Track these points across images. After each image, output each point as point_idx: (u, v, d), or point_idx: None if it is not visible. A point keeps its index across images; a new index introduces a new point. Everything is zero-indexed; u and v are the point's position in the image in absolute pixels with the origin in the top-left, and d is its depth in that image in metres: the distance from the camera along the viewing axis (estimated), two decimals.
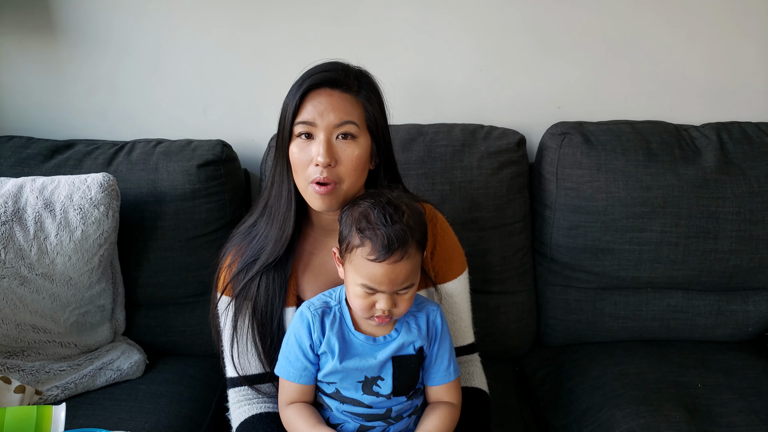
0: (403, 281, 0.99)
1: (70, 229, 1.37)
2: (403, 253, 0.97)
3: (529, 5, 1.65)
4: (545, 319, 1.66)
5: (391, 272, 0.98)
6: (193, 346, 1.59)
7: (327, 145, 1.05)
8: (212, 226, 1.55)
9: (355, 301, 1.02)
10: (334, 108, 1.06)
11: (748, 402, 1.36)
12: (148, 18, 1.65)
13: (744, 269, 1.56)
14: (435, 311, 1.10)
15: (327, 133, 1.05)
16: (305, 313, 1.07)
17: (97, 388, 1.43)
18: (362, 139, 1.08)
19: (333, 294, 1.10)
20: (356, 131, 1.07)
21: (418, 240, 1.01)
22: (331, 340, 1.05)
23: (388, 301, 1.00)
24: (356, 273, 1.00)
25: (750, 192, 1.54)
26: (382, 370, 1.06)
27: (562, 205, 1.58)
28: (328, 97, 1.06)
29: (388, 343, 1.06)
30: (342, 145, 1.06)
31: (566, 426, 1.39)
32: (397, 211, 0.99)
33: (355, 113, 1.07)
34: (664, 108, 1.73)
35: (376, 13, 1.66)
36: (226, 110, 1.73)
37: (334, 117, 1.05)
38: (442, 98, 1.72)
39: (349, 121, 1.06)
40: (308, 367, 1.07)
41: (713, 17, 1.67)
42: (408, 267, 0.99)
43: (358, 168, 1.08)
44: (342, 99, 1.07)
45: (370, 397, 1.06)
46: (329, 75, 1.07)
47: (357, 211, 1.01)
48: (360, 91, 1.08)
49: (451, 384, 1.11)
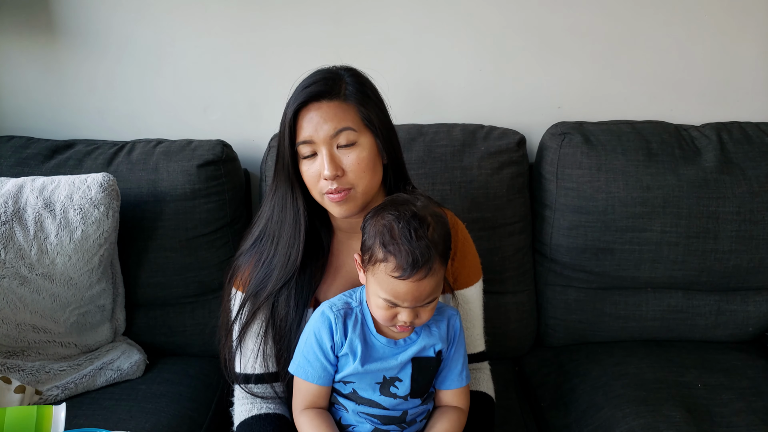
0: (426, 297, 0.98)
1: (70, 229, 1.37)
2: (428, 271, 0.96)
3: (529, 5, 1.65)
4: (545, 319, 1.66)
5: (415, 290, 0.96)
6: (193, 346, 1.59)
7: (329, 158, 1.04)
8: (212, 226, 1.55)
9: (376, 311, 1.01)
10: (326, 119, 1.04)
11: (748, 402, 1.36)
12: (148, 18, 1.65)
13: (744, 269, 1.56)
14: (455, 316, 1.10)
15: (327, 146, 1.05)
16: (327, 314, 1.05)
17: (97, 388, 1.43)
18: (364, 139, 1.07)
19: (354, 295, 1.09)
20: (355, 136, 1.06)
21: (442, 253, 0.99)
22: (354, 342, 1.04)
23: (411, 314, 0.99)
24: (379, 287, 0.98)
25: (750, 192, 1.54)
26: (401, 371, 1.05)
27: (562, 205, 1.58)
28: (317, 111, 1.05)
29: (408, 346, 1.06)
30: (344, 153, 1.05)
31: (566, 426, 1.39)
32: (423, 225, 0.97)
33: (348, 117, 1.06)
34: (664, 108, 1.73)
35: (377, 14, 1.66)
36: (226, 110, 1.73)
37: (328, 128, 1.04)
38: (442, 98, 1.72)
39: (344, 128, 1.05)
40: (327, 368, 1.05)
41: (713, 17, 1.67)
42: (432, 283, 0.98)
43: (368, 169, 1.07)
44: (331, 108, 1.05)
45: (386, 399, 1.05)
46: (313, 89, 1.05)
47: (381, 223, 0.98)
48: (348, 93, 1.07)
49: (461, 390, 1.11)
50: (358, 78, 1.10)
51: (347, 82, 1.08)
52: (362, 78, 1.10)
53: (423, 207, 1.00)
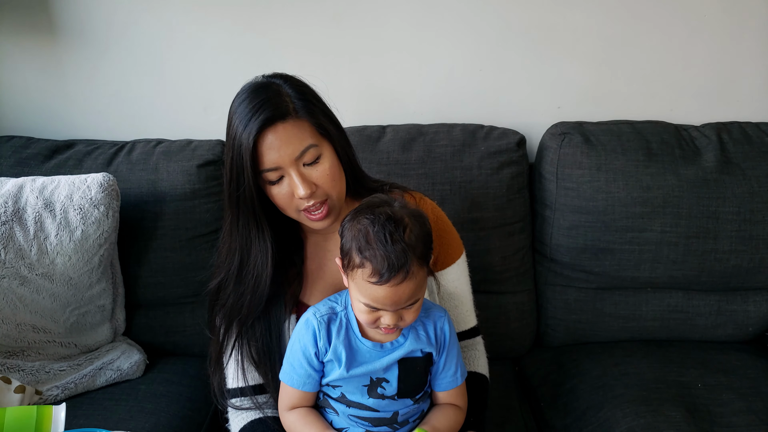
0: (407, 300, 0.97)
1: (70, 229, 1.37)
2: (405, 275, 0.94)
3: (529, 6, 1.65)
4: (545, 319, 1.66)
5: (393, 294, 0.95)
6: (193, 346, 1.59)
7: (301, 178, 1.03)
8: (212, 226, 1.55)
9: (360, 315, 1.01)
10: (287, 142, 1.02)
11: (748, 402, 1.36)
12: (148, 18, 1.65)
13: (744, 269, 1.56)
14: (443, 318, 1.09)
15: (294, 167, 1.03)
16: (311, 321, 1.05)
17: (97, 388, 1.43)
18: (325, 150, 1.06)
19: (339, 299, 1.08)
20: (317, 150, 1.04)
21: (421, 254, 0.97)
22: (338, 348, 1.03)
23: (394, 317, 0.98)
24: (359, 292, 0.98)
25: (750, 192, 1.54)
26: (387, 372, 1.05)
27: (562, 205, 1.58)
28: (274, 135, 1.02)
29: (395, 349, 1.05)
30: (311, 169, 1.04)
31: (566, 426, 1.39)
32: (399, 228, 0.95)
33: (306, 134, 1.03)
34: (664, 108, 1.73)
35: (376, 14, 1.65)
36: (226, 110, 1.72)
37: (292, 151, 1.02)
38: (442, 98, 1.72)
39: (307, 147, 1.03)
40: (312, 375, 1.06)
41: (713, 17, 1.67)
42: (412, 286, 0.96)
43: (336, 177, 1.07)
44: (287, 129, 1.02)
45: (375, 400, 1.05)
46: (264, 116, 1.01)
47: (356, 228, 0.97)
48: (297, 108, 1.03)
49: (457, 389, 1.10)
50: (297, 87, 1.06)
51: (289, 94, 1.04)
52: (300, 85, 1.07)
53: (400, 208, 0.99)
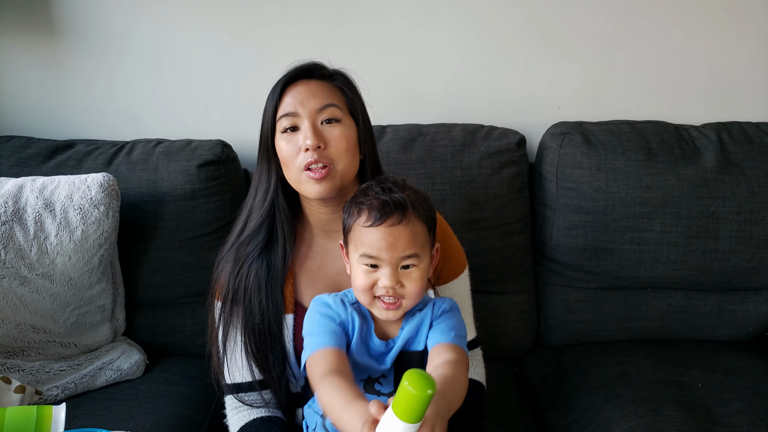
0: (404, 248, 0.94)
1: (70, 229, 1.37)
2: (401, 217, 0.94)
3: (529, 5, 1.65)
4: (545, 319, 1.66)
5: (389, 236, 0.94)
6: (193, 346, 1.59)
7: (313, 129, 1.05)
8: (212, 226, 1.55)
9: (357, 280, 0.98)
10: (314, 94, 1.07)
11: (748, 402, 1.36)
12: (148, 18, 1.65)
13: (744, 269, 1.56)
14: (442, 299, 1.06)
15: (311, 119, 1.06)
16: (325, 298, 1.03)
17: (97, 388, 1.43)
18: (347, 121, 1.09)
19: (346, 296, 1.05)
20: (340, 114, 1.07)
21: (421, 213, 0.97)
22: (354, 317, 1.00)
23: (392, 278, 0.95)
24: (356, 248, 0.97)
25: (750, 192, 1.54)
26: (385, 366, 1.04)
27: (562, 205, 1.58)
28: (305, 86, 1.08)
29: (396, 340, 1.03)
30: (328, 128, 1.07)
31: (566, 426, 1.39)
32: (397, 186, 0.98)
33: (334, 97, 1.08)
34: (664, 108, 1.73)
35: (376, 13, 1.66)
36: (226, 110, 1.73)
37: (315, 102, 1.06)
38: (442, 98, 1.72)
39: (330, 104, 1.07)
40: (336, 330, 0.98)
41: (713, 17, 1.67)
42: (407, 232, 0.94)
43: (349, 149, 1.07)
44: (319, 85, 1.08)
45: (372, 396, 1.05)
46: (303, 67, 1.10)
47: (357, 193, 1.01)
48: (336, 79, 1.11)
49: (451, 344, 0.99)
50: (348, 78, 1.14)
51: (336, 72, 1.12)
52: (351, 80, 1.14)
53: (405, 181, 1.01)
